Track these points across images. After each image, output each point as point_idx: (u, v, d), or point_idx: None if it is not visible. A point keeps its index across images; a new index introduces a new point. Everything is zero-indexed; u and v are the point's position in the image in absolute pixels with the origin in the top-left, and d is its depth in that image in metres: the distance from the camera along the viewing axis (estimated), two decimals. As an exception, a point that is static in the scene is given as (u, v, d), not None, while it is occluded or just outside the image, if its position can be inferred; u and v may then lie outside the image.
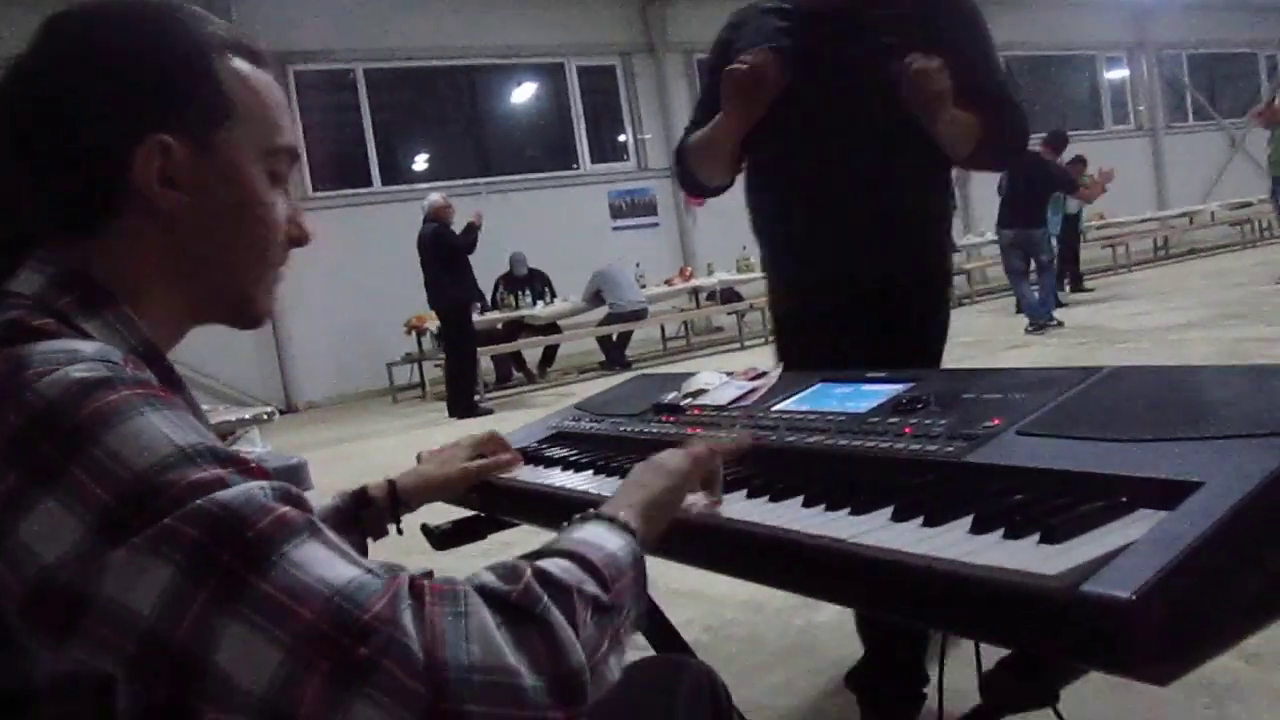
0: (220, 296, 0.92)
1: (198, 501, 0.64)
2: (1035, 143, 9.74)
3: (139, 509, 0.64)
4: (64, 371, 0.69)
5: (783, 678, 2.46)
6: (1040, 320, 8.75)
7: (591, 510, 0.88)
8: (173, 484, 0.65)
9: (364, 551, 1.31)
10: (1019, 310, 9.30)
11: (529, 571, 0.69)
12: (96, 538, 0.64)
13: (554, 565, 0.73)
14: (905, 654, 1.94)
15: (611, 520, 0.85)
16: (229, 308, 0.93)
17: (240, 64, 0.89)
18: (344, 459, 6.72)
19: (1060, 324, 8.77)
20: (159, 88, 0.84)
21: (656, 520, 0.93)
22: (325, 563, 0.64)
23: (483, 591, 0.67)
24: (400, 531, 1.36)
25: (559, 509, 1.30)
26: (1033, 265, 9.22)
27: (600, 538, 0.81)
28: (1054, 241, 9.79)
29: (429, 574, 0.68)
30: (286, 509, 0.66)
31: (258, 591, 0.62)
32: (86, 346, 0.73)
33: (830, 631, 2.73)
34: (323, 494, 0.75)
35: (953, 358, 2.08)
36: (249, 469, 0.69)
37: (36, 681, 0.70)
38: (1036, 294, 9.04)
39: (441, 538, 1.51)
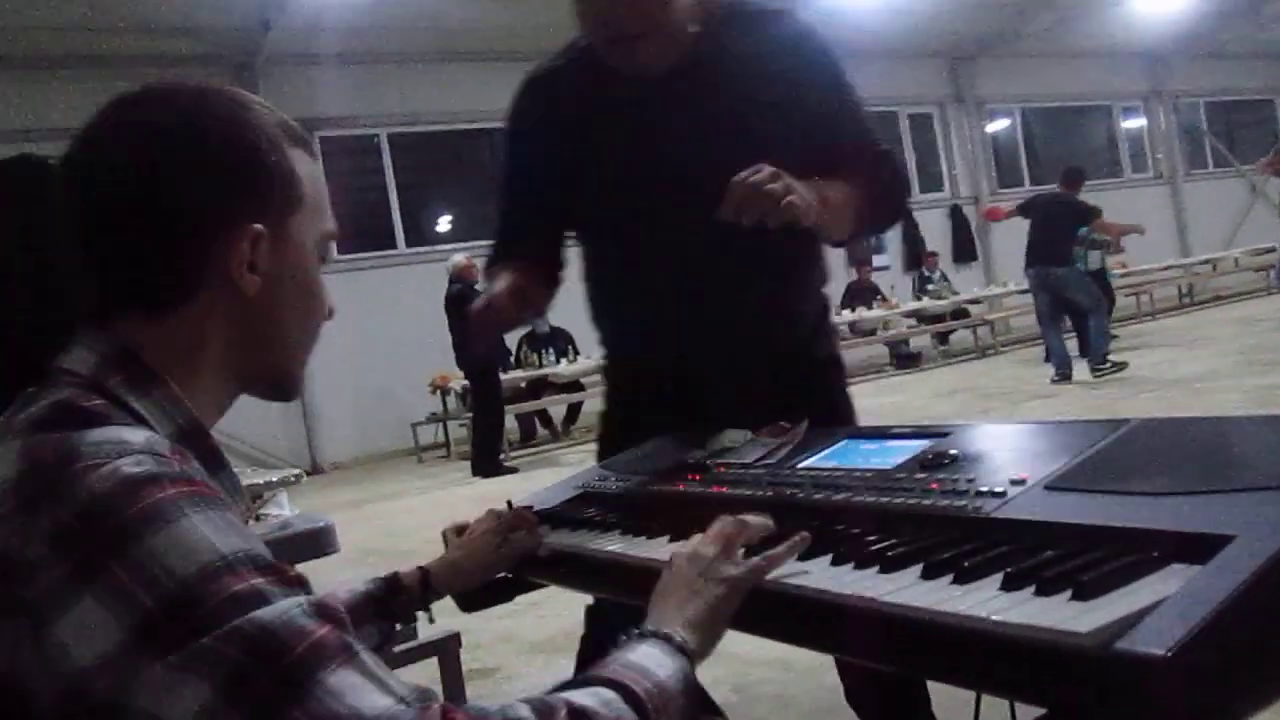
0: (270, 373, 0.96)
1: (236, 622, 0.65)
2: (1053, 184, 9.74)
3: (178, 619, 0.65)
4: (112, 466, 0.70)
5: (815, 738, 2.42)
6: (1095, 365, 8.33)
7: (649, 628, 0.89)
8: (213, 595, 0.66)
9: (390, 636, 1.33)
10: (1047, 359, 9.05)
11: (564, 712, 0.69)
12: (134, 645, 0.64)
13: (594, 699, 0.73)
14: None
15: (668, 640, 0.86)
16: (274, 383, 0.97)
17: (301, 153, 0.94)
18: (370, 519, 6.72)
19: (1117, 366, 8.31)
20: (249, 176, 0.88)
21: (713, 633, 0.93)
22: (359, 692, 0.65)
23: None
24: (431, 620, 1.38)
25: (587, 572, 1.31)
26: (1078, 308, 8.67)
27: (653, 662, 0.82)
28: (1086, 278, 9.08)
29: (465, 710, 0.68)
30: (323, 631, 0.67)
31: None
32: (135, 437, 0.75)
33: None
34: (345, 555, 0.76)
35: (975, 409, 2.07)
36: (287, 578, 0.70)
37: None
38: (1083, 339, 8.58)
39: (469, 600, 1.51)
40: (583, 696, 0.74)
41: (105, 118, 0.89)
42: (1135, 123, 18.06)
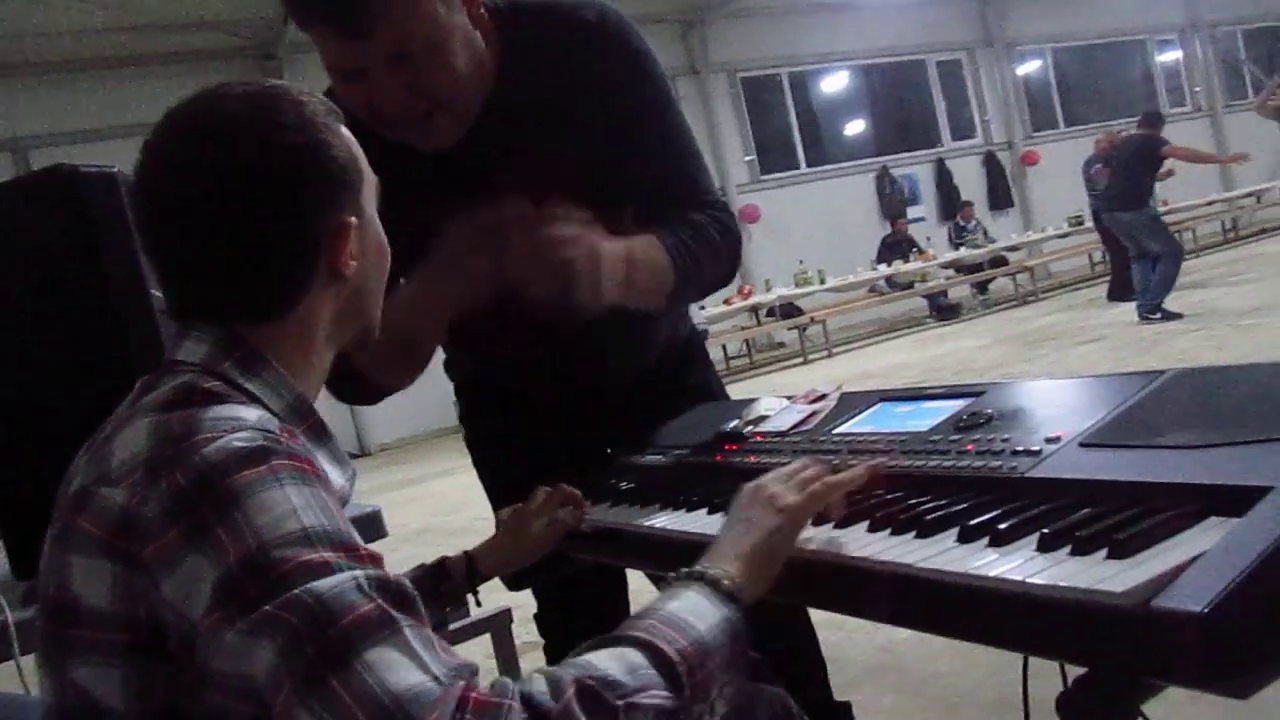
0: (362, 331, 1.03)
1: (296, 591, 0.70)
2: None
3: (252, 580, 0.71)
4: (227, 439, 0.77)
5: (869, 696, 2.44)
6: (1142, 311, 8.12)
7: (699, 568, 0.89)
8: (286, 561, 0.71)
9: (442, 619, 1.36)
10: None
11: (572, 690, 0.70)
12: (218, 601, 0.71)
13: (618, 665, 0.74)
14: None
15: (716, 585, 0.86)
16: (363, 334, 1.04)
17: (343, 128, 0.97)
18: (420, 499, 6.81)
19: (1169, 316, 7.91)
20: (333, 175, 0.93)
21: (767, 568, 0.93)
22: (394, 667, 0.68)
23: (528, 704, 0.69)
24: (479, 604, 1.40)
25: (630, 546, 1.32)
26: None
27: (694, 613, 0.82)
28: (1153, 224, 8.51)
29: (491, 684, 0.70)
30: (369, 606, 0.70)
31: (329, 688, 0.66)
32: (250, 415, 0.81)
33: (913, 648, 2.70)
34: (397, 535, 0.79)
35: (1018, 359, 2.05)
36: (359, 555, 0.74)
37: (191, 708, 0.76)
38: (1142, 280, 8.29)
39: (516, 578, 1.53)
40: (606, 661, 0.74)
41: (181, 138, 0.90)
42: (1171, 56, 17.65)
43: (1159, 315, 8.04)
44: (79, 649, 0.78)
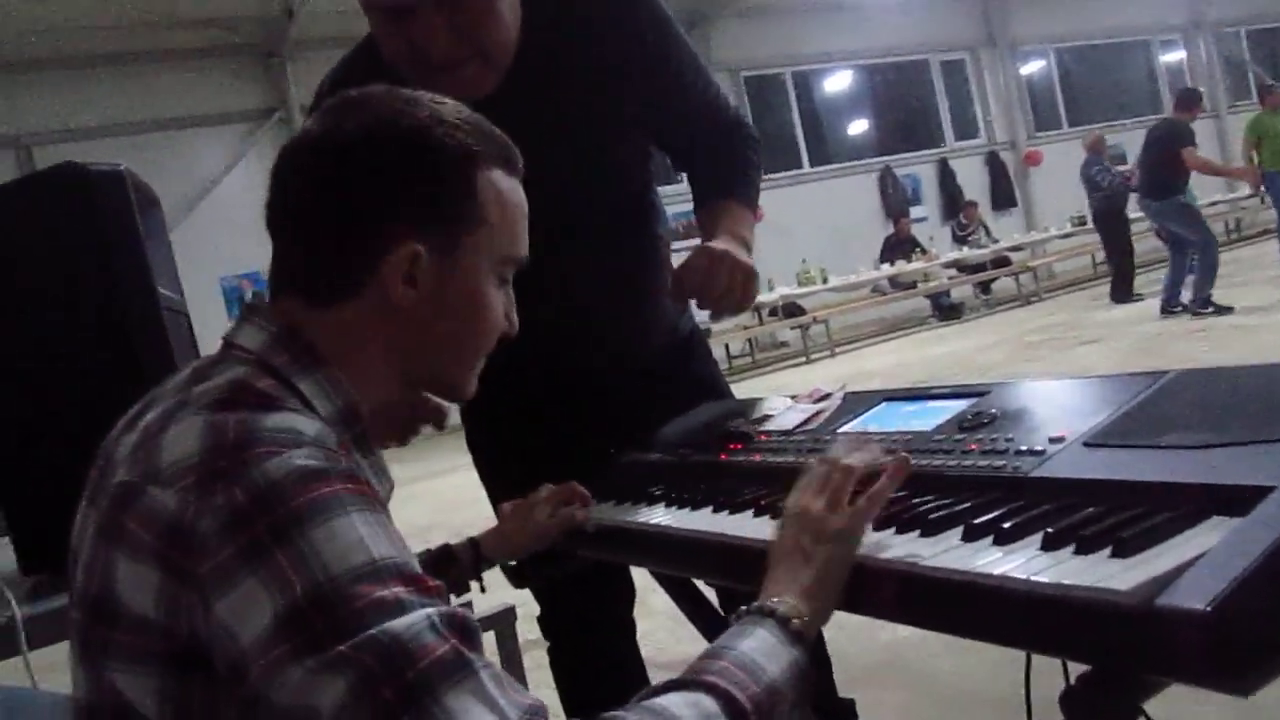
0: (430, 379, 1.01)
1: (371, 632, 0.68)
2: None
3: (322, 616, 0.69)
4: (288, 455, 0.75)
5: (872, 694, 2.44)
6: (1168, 305, 7.99)
7: (769, 604, 0.87)
8: (358, 597, 0.70)
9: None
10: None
11: None
12: (281, 633, 0.69)
13: (692, 715, 0.74)
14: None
15: (785, 624, 0.85)
16: (439, 387, 1.02)
17: (498, 174, 0.96)
18: (423, 497, 6.81)
19: (1217, 310, 7.73)
20: (423, 194, 0.91)
21: (830, 600, 0.91)
22: (470, 711, 0.67)
23: None
24: (483, 589, 1.41)
25: (635, 544, 1.33)
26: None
27: (765, 655, 0.82)
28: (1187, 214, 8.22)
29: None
30: (445, 648, 0.69)
31: None
32: (308, 428, 0.79)
33: (916, 646, 2.71)
34: (405, 533, 0.80)
35: (1021, 359, 2.05)
36: (427, 588, 0.73)
37: None
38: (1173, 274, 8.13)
39: (520, 576, 1.54)
40: (681, 708, 0.74)
41: (326, 118, 0.94)
42: (1174, 56, 17.64)
43: (1210, 309, 7.79)
44: (118, 652, 0.77)
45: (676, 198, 1.75)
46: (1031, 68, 16.27)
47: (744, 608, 0.89)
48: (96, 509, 0.82)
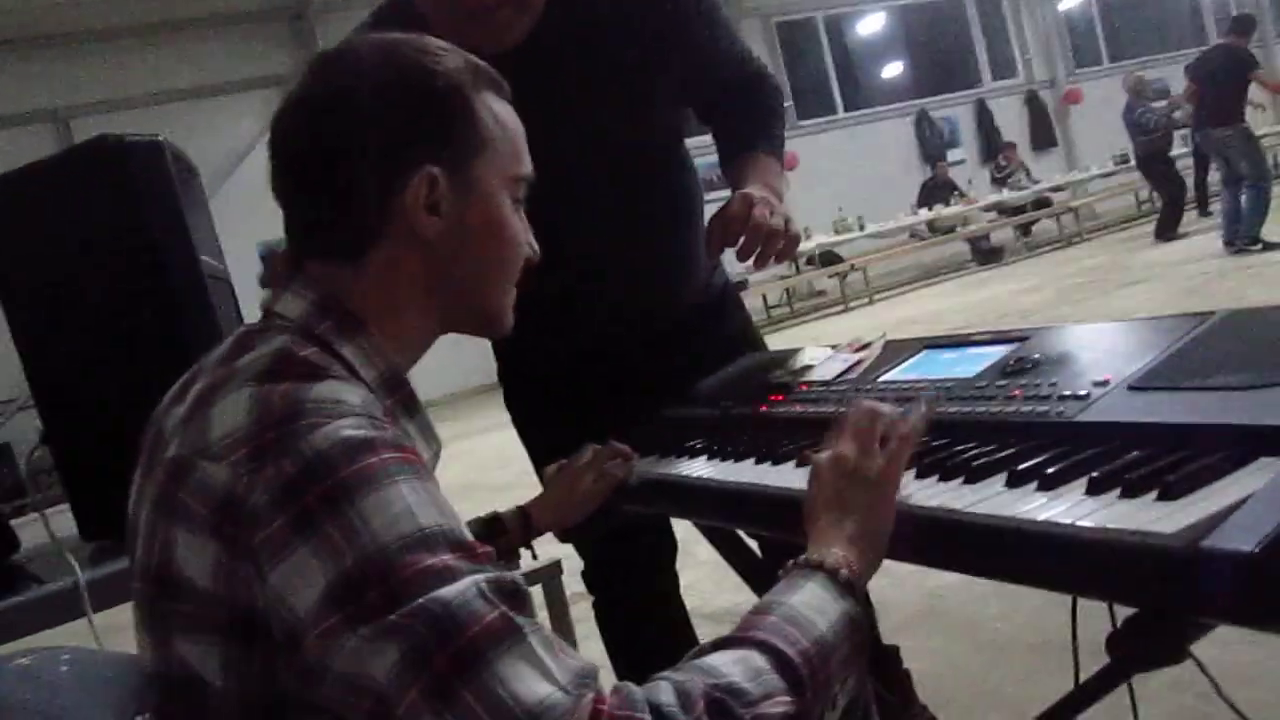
0: (470, 312, 1.01)
1: (421, 600, 0.69)
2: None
3: (373, 585, 0.70)
4: (334, 426, 0.76)
5: (916, 640, 2.46)
6: (1233, 240, 7.72)
7: (817, 556, 0.86)
8: (407, 566, 0.71)
9: None
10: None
11: (702, 705, 0.70)
12: (333, 601, 0.70)
13: (741, 671, 0.74)
14: None
15: (834, 575, 0.85)
16: (478, 321, 1.02)
17: (490, 98, 0.97)
18: (464, 455, 6.89)
19: (1269, 246, 7.54)
20: (427, 124, 0.92)
21: (878, 549, 0.91)
22: (523, 678, 0.68)
23: (658, 716, 0.69)
24: (535, 557, 1.43)
25: (679, 496, 1.34)
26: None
27: (815, 609, 0.81)
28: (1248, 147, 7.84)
29: (615, 691, 0.71)
30: (495, 615, 0.70)
31: (461, 699, 0.67)
32: (353, 397, 0.80)
33: (960, 591, 2.71)
34: (450, 490, 0.80)
35: (1063, 302, 2.02)
36: (476, 555, 0.74)
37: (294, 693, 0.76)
38: (1233, 208, 7.84)
39: (566, 530, 1.56)
40: (729, 665, 0.74)
41: (306, 76, 0.94)
42: (1219, -15, 17.12)
43: (1259, 245, 7.61)
44: (182, 623, 0.78)
45: (705, 148, 1.73)
46: (1070, 2, 15.89)
47: (792, 561, 0.88)
48: (151, 481, 0.83)
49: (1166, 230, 9.78)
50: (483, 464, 6.15)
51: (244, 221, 5.74)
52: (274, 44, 10.91)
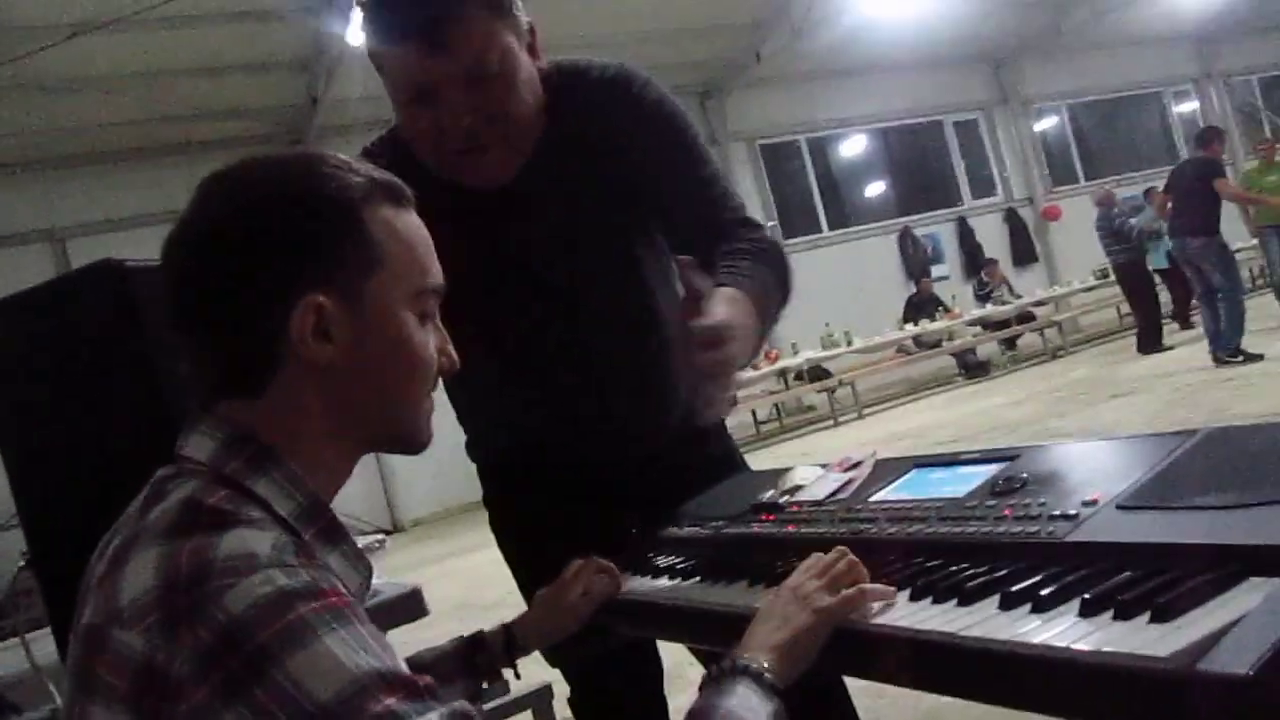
0: (383, 431, 0.98)
1: None
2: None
3: None
4: (247, 585, 0.73)
5: (914, 765, 2.40)
6: (1218, 354, 7.79)
7: (742, 662, 0.91)
8: (354, 717, 0.69)
9: (477, 693, 1.34)
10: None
11: None
12: None
13: None
14: None
15: (760, 679, 0.89)
16: (393, 439, 0.99)
17: (387, 211, 0.94)
18: (455, 574, 6.79)
19: (1250, 358, 7.62)
20: (310, 248, 0.89)
21: (798, 663, 0.96)
22: None
23: None
24: (518, 676, 1.39)
25: (669, 619, 1.33)
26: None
27: (749, 710, 0.85)
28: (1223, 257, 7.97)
29: None
30: None
31: None
32: (261, 547, 0.77)
33: (958, 712, 2.66)
34: (438, 611, 0.80)
35: (1050, 415, 2.04)
36: (417, 690, 0.73)
37: None
38: (1212, 321, 7.94)
39: (556, 652, 1.54)
40: None
41: (191, 205, 0.92)
42: (1188, 106, 17.71)
43: (1240, 358, 7.69)
44: None
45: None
46: (1045, 124, 16.39)
47: (716, 666, 0.92)
48: (74, 647, 0.81)
49: (1148, 342, 9.91)
50: (472, 582, 6.07)
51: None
52: (270, 167, 11.12)
